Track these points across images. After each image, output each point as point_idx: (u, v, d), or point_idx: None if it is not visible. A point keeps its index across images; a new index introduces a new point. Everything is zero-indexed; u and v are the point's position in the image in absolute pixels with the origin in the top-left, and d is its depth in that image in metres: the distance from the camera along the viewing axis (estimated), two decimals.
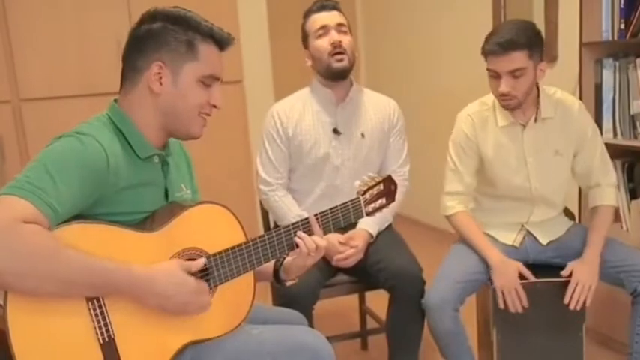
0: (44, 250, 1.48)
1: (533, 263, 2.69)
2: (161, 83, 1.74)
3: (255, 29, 4.25)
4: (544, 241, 2.71)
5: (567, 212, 2.87)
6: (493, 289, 2.57)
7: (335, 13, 2.77)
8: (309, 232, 1.93)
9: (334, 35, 2.72)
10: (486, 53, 2.47)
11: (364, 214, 2.04)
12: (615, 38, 2.97)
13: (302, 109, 2.83)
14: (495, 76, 2.48)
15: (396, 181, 2.82)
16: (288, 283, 2.08)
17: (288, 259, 2.02)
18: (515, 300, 2.51)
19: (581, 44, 3.09)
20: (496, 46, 2.41)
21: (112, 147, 1.68)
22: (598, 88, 3.09)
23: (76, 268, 1.52)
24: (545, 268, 2.66)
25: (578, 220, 3.06)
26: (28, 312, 1.51)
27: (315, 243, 1.92)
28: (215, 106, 1.84)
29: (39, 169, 1.55)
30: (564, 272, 2.53)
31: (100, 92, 3.54)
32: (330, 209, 1.97)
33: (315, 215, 1.94)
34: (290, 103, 2.86)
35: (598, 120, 3.07)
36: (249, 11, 4.22)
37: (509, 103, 2.51)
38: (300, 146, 2.80)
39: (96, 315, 1.59)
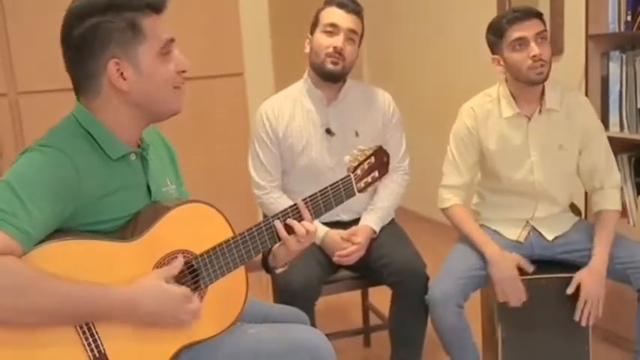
0: (20, 284, 1.43)
1: (539, 259, 2.67)
2: (124, 78, 1.63)
3: (256, 21, 4.22)
4: (550, 237, 2.68)
5: (573, 208, 2.85)
6: None
7: (352, 17, 2.66)
8: (299, 219, 1.88)
9: (340, 40, 2.63)
10: (509, 23, 2.48)
11: (356, 192, 2.00)
12: (622, 30, 2.94)
13: (292, 109, 2.77)
14: (523, 44, 2.47)
15: (397, 175, 2.81)
16: (278, 271, 2.03)
17: (275, 246, 1.95)
18: (515, 293, 2.50)
19: (587, 36, 3.06)
20: (517, 13, 2.48)
21: (80, 154, 1.60)
22: (604, 81, 3.06)
23: (55, 299, 1.47)
24: (551, 264, 2.65)
25: (584, 215, 3.03)
26: (12, 346, 1.48)
27: (304, 228, 1.87)
28: (184, 72, 1.72)
29: (6, 192, 1.48)
30: (572, 286, 2.50)
31: None
32: (320, 191, 1.93)
33: (305, 200, 1.90)
34: (279, 102, 2.79)
35: (604, 113, 3.05)
36: (251, 3, 4.17)
37: (542, 71, 2.48)
38: (291, 148, 2.75)
39: (83, 332, 1.55)
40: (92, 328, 1.56)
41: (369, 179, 2.02)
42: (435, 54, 5.25)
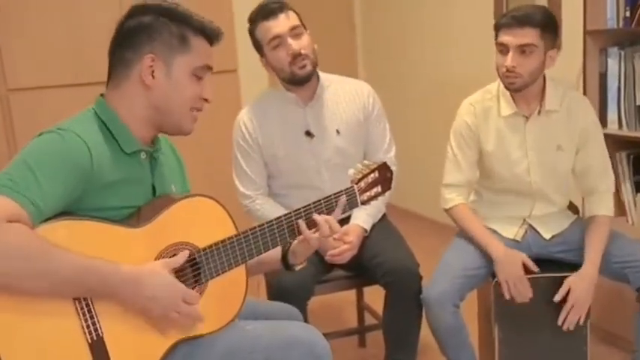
0: (30, 250, 1.46)
1: (536, 258, 2.65)
2: (153, 76, 1.72)
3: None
4: (547, 235, 2.67)
5: (571, 206, 2.83)
6: (495, 285, 2.54)
7: (283, 17, 2.58)
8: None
9: (291, 44, 2.57)
10: (499, 26, 2.45)
11: (359, 204, 2.02)
12: (620, 26, 2.93)
13: (270, 115, 2.73)
14: (504, 50, 2.45)
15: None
16: (298, 268, 2.06)
17: (294, 242, 2.01)
18: (522, 291, 2.48)
19: (585, 32, 3.05)
20: (511, 19, 2.42)
21: (95, 141, 1.65)
22: (603, 78, 3.04)
23: (63, 268, 1.50)
24: (548, 263, 2.63)
25: (582, 213, 3.00)
26: (14, 316, 1.48)
27: (327, 223, 1.93)
28: (207, 100, 1.81)
29: (20, 166, 1.54)
30: (562, 290, 2.47)
31: (90, 82, 3.47)
32: (324, 199, 1.95)
33: (308, 206, 1.92)
34: (255, 110, 2.76)
35: (603, 110, 3.03)
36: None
37: (513, 82, 2.46)
38: (273, 154, 2.73)
39: (83, 313, 1.56)
40: (92, 310, 1.57)
41: (371, 193, 2.06)
42: (430, 49, 5.24)
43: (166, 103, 1.75)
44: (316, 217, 1.91)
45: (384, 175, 2.08)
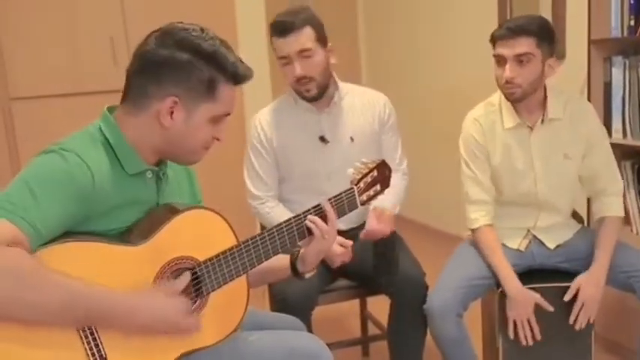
0: (26, 278, 1.42)
1: (540, 268, 2.66)
2: (172, 118, 1.66)
3: (253, 29, 4.23)
4: (551, 245, 2.66)
5: (575, 215, 2.82)
6: (499, 295, 2.54)
7: (293, 38, 2.55)
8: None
9: (297, 69, 2.56)
10: (495, 38, 2.45)
11: (358, 205, 2.02)
12: (625, 35, 2.93)
13: (286, 119, 2.74)
14: (501, 62, 2.45)
15: (398, 175, 2.77)
16: (307, 275, 2.05)
17: (302, 250, 1.99)
18: (528, 332, 2.49)
19: (589, 41, 3.05)
20: (505, 30, 2.42)
21: (98, 163, 1.62)
22: (607, 87, 3.04)
23: (59, 297, 1.46)
24: (553, 273, 2.63)
25: (587, 223, 3.00)
26: (14, 339, 1.46)
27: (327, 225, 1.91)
28: (218, 139, 1.77)
29: (20, 188, 1.51)
30: (571, 291, 2.48)
31: (91, 91, 3.50)
32: (326, 203, 1.94)
33: (308, 210, 1.91)
34: (272, 112, 2.77)
35: (607, 119, 3.03)
36: (248, 11, 4.19)
37: (513, 92, 2.46)
38: (286, 157, 2.73)
39: (86, 336, 1.55)
40: (95, 332, 1.56)
41: (371, 192, 2.05)
42: (433, 57, 5.25)
43: (180, 142, 1.71)
44: (309, 222, 1.90)
45: (383, 174, 2.08)
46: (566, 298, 2.47)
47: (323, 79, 2.63)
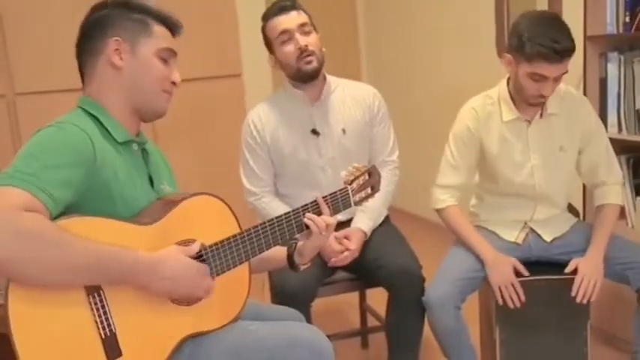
0: (48, 236, 1.46)
1: (537, 260, 2.67)
2: (121, 58, 1.77)
3: (254, 23, 4.22)
4: (548, 238, 2.68)
5: (572, 209, 2.85)
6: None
7: (294, 13, 2.68)
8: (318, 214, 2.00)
9: (299, 39, 2.64)
10: (537, 57, 2.33)
11: (352, 204, 2.09)
12: (620, 31, 2.94)
13: (278, 114, 2.78)
14: (539, 80, 2.38)
15: (387, 170, 2.82)
16: (302, 267, 2.09)
17: (299, 243, 2.05)
18: (513, 295, 2.49)
19: (585, 37, 3.06)
20: (552, 51, 2.30)
21: (93, 132, 1.68)
22: (603, 83, 3.06)
23: (81, 252, 1.50)
24: (549, 266, 2.64)
25: (582, 217, 3.03)
26: (30, 308, 1.49)
27: (324, 222, 1.98)
28: (174, 84, 1.86)
29: (26, 158, 1.54)
30: (568, 268, 2.51)
31: None
32: (323, 198, 2.01)
33: (305, 206, 1.98)
34: (264, 109, 2.82)
35: (603, 115, 3.04)
36: (249, 5, 4.21)
37: (542, 101, 2.48)
38: (280, 152, 2.77)
39: (97, 309, 1.57)
40: (106, 305, 1.58)
41: (362, 194, 2.14)
42: (433, 54, 5.26)
43: (137, 83, 1.80)
44: (307, 219, 1.97)
45: (374, 178, 2.16)
46: (567, 270, 2.49)
47: (321, 57, 2.70)
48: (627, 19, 2.89)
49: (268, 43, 2.76)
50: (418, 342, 2.69)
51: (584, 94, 3.05)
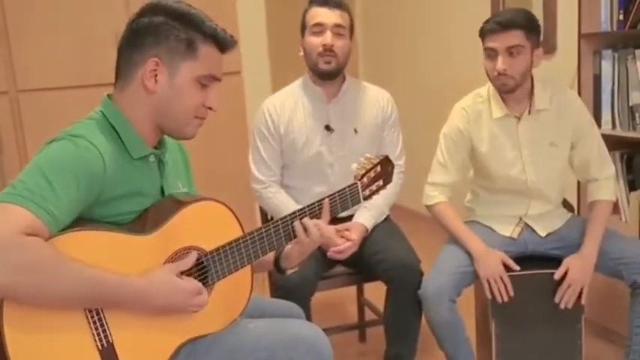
0: (47, 267, 1.45)
1: (532, 255, 2.70)
2: (156, 81, 1.69)
3: (253, 20, 4.26)
4: (543, 233, 2.70)
5: (566, 204, 2.87)
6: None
7: (336, 12, 2.69)
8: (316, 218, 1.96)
9: (328, 37, 2.67)
10: (485, 32, 2.50)
11: (362, 199, 2.05)
12: (614, 29, 2.95)
13: (293, 106, 2.81)
14: (492, 55, 2.50)
15: (393, 173, 2.83)
16: (289, 272, 2.08)
17: (287, 247, 2.01)
18: (502, 289, 2.52)
19: (579, 35, 3.07)
20: (495, 24, 2.46)
21: (106, 148, 1.63)
22: (597, 80, 3.07)
23: (77, 282, 1.50)
24: (544, 260, 2.66)
25: (577, 211, 3.05)
26: (27, 319, 1.49)
27: (320, 231, 1.94)
28: (211, 109, 1.78)
29: (35, 174, 1.52)
30: (560, 271, 2.52)
31: (97, 83, 3.49)
32: (328, 197, 1.97)
33: (312, 205, 1.94)
34: (281, 99, 2.83)
35: (597, 111, 3.06)
36: (248, 3, 4.23)
37: (506, 84, 2.51)
38: (292, 144, 2.79)
39: (94, 321, 1.57)
40: (102, 318, 1.58)
41: (373, 187, 2.09)
42: (430, 52, 5.26)
43: (168, 109, 1.72)
44: (306, 221, 1.93)
45: (386, 169, 2.12)
46: (556, 277, 2.51)
47: (343, 62, 2.73)
48: (621, 17, 2.91)
49: (303, 27, 2.76)
50: (416, 335, 2.71)
51: (579, 90, 3.07)
